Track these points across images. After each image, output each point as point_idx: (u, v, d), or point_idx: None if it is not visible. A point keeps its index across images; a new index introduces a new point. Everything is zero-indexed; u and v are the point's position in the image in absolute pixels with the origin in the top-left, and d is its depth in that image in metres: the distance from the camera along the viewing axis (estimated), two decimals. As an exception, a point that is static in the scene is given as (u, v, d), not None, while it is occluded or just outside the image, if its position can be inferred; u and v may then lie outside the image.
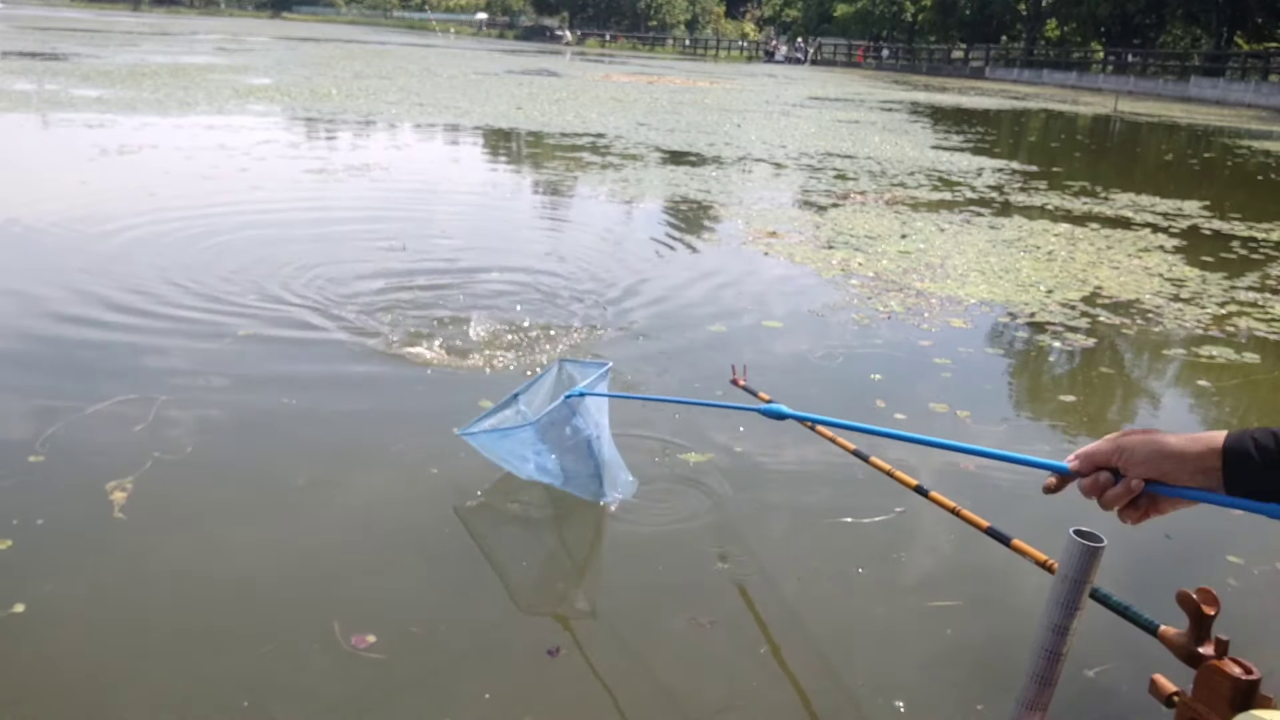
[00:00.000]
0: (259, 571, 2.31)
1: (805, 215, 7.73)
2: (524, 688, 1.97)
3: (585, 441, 2.55)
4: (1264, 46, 40.80)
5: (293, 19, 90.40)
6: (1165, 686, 1.33)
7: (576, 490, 2.63)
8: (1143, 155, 16.65)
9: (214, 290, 4.59)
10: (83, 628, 2.06)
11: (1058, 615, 1.06)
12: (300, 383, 3.52)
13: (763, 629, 2.23)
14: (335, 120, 12.65)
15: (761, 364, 3.98)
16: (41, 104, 12.14)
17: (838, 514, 2.75)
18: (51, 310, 4.17)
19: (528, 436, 2.57)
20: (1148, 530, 2.83)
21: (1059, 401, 3.93)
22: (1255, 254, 7.13)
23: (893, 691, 2.05)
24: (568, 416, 2.52)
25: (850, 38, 66.61)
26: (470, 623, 2.15)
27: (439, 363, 3.77)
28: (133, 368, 3.57)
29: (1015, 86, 43.22)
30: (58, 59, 20.51)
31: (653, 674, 2.05)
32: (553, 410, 2.52)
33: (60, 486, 2.63)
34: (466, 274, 5.22)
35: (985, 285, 5.60)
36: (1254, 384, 4.27)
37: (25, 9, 62.49)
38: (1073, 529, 1.05)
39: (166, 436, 2.96)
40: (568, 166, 9.73)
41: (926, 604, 2.36)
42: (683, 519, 2.68)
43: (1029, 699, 1.10)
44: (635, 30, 78.47)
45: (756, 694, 2.01)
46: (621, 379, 3.68)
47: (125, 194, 6.97)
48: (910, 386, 3.87)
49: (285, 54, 29.94)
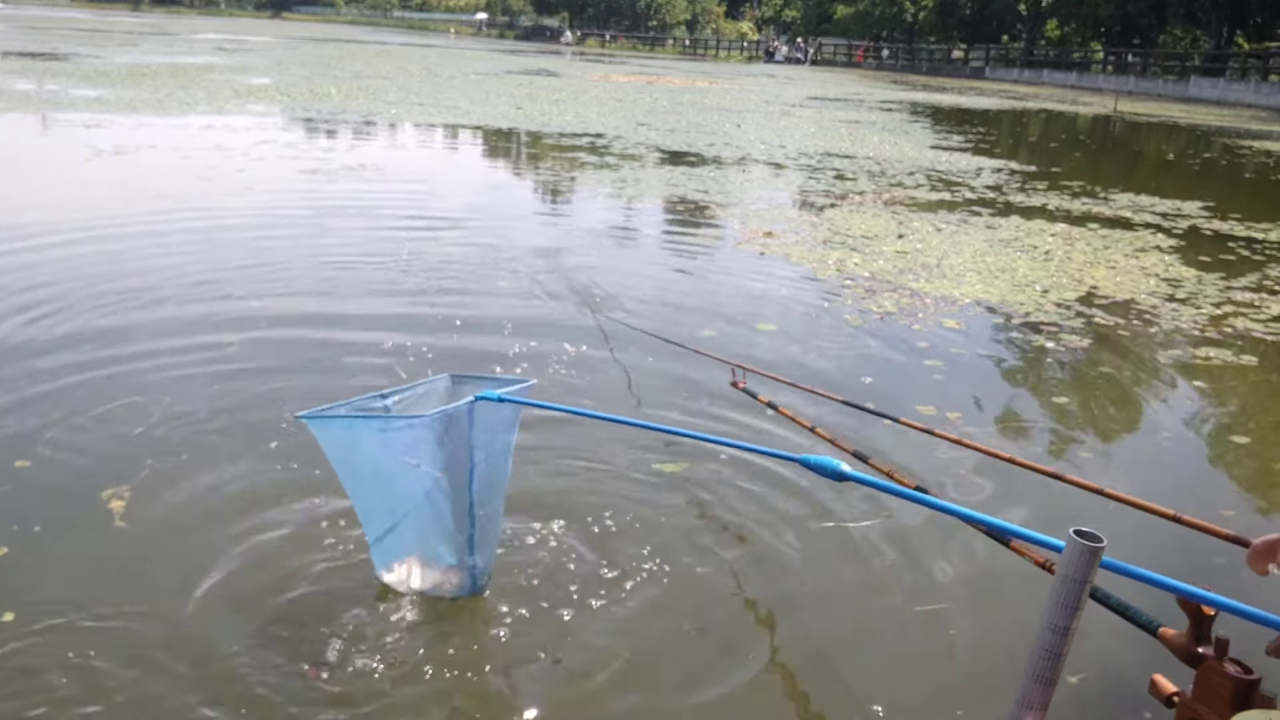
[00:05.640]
0: (253, 581, 2.31)
1: (803, 215, 7.73)
2: (525, 687, 1.96)
3: (469, 477, 2.05)
4: (1264, 46, 40.80)
5: (292, 19, 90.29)
6: (1165, 686, 1.32)
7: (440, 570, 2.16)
8: (1142, 155, 16.65)
9: (212, 292, 4.59)
10: (74, 634, 2.06)
11: (1058, 615, 1.06)
12: (298, 389, 3.51)
13: (757, 633, 2.23)
14: (334, 120, 12.64)
15: (751, 366, 3.94)
16: (41, 104, 12.13)
17: (836, 516, 2.74)
18: (52, 312, 4.17)
19: (417, 437, 1.96)
20: (1147, 530, 2.83)
21: (1051, 403, 3.92)
22: (1255, 254, 7.12)
23: (892, 692, 2.05)
24: (464, 429, 1.99)
25: (850, 38, 66.58)
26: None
27: (407, 375, 3.70)
28: (130, 369, 3.57)
29: (1015, 87, 43.21)
30: (58, 59, 20.50)
31: (643, 678, 2.04)
32: (456, 408, 1.97)
33: (55, 493, 2.63)
34: (453, 278, 5.20)
35: (981, 285, 5.59)
36: (1250, 385, 4.27)
37: (25, 9, 62.44)
38: (1073, 529, 1.05)
39: (163, 442, 2.96)
40: (565, 167, 9.73)
41: (926, 604, 2.36)
42: (669, 522, 2.67)
43: (1029, 699, 1.10)
44: (635, 30, 78.44)
45: (752, 697, 2.01)
46: (612, 384, 3.66)
47: (125, 193, 6.96)
48: (901, 388, 3.85)
49: (285, 54, 29.93)
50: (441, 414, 1.95)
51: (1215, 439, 3.63)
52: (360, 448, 1.99)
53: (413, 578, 2.17)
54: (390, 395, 2.05)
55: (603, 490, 2.79)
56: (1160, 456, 3.45)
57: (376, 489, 2.07)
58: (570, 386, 3.63)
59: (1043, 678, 1.09)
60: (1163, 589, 1.15)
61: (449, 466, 2.02)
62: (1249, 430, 3.72)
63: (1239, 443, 3.59)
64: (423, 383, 2.13)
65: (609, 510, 2.66)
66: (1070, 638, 1.06)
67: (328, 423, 1.98)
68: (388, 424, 1.98)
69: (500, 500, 2.16)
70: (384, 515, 2.10)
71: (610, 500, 2.73)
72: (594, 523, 2.60)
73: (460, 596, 2.18)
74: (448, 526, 2.09)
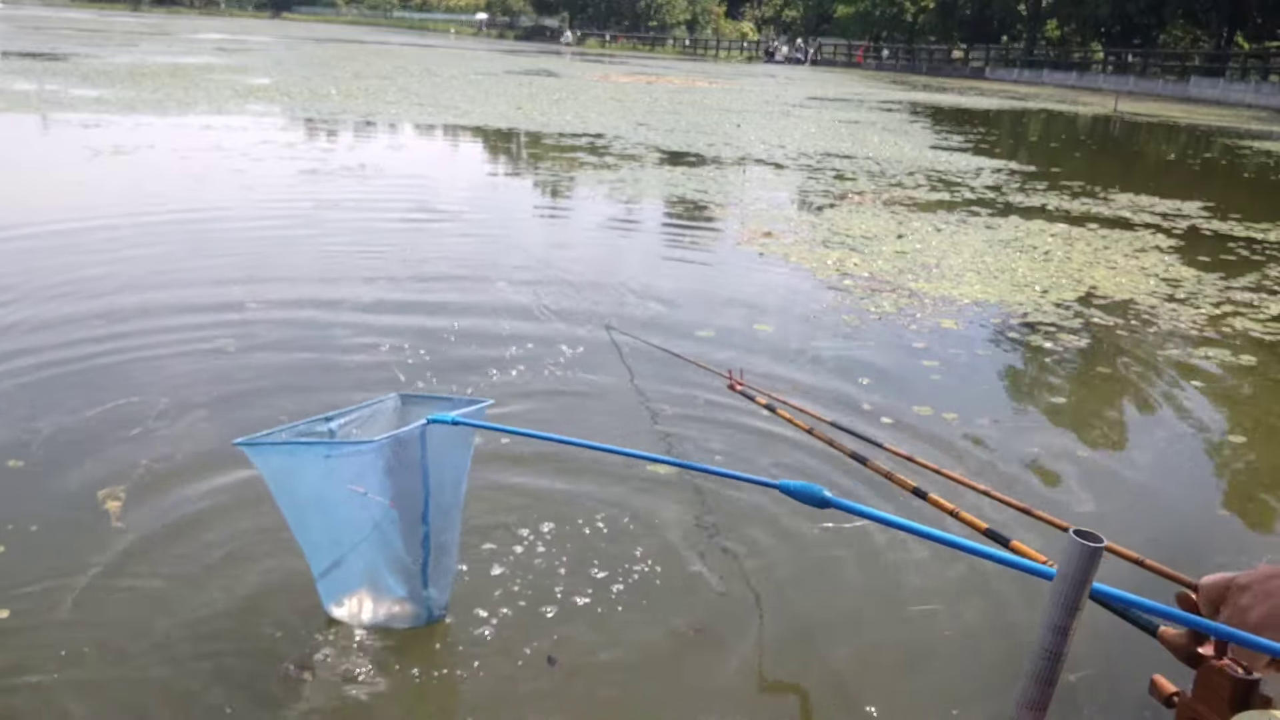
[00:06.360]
0: (250, 582, 2.30)
1: (802, 215, 7.73)
2: (522, 687, 1.96)
3: (422, 505, 1.94)
4: (1264, 46, 40.83)
5: (293, 19, 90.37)
6: (1165, 687, 1.32)
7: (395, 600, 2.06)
8: (1142, 156, 16.65)
9: (209, 293, 4.58)
10: (71, 633, 2.05)
11: (1057, 615, 1.05)
12: (297, 389, 3.51)
13: (752, 634, 2.22)
14: (334, 120, 12.64)
15: (747, 368, 3.95)
16: (41, 104, 12.13)
17: (833, 515, 2.74)
18: (48, 312, 4.17)
19: (364, 464, 1.82)
20: (1147, 531, 2.83)
21: (1049, 402, 3.92)
22: (1254, 255, 7.12)
23: (891, 692, 2.04)
24: (415, 454, 1.88)
25: (850, 38, 66.66)
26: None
27: (406, 380, 3.74)
28: (127, 369, 3.56)
29: (1015, 87, 43.23)
30: (58, 59, 20.50)
31: (640, 678, 2.04)
32: (407, 432, 1.85)
33: (52, 493, 2.62)
34: (452, 279, 5.20)
35: (980, 285, 5.59)
36: (1248, 385, 4.26)
37: (25, 9, 62.48)
38: (1072, 529, 1.04)
39: (159, 443, 2.96)
40: (565, 167, 9.72)
41: (924, 604, 2.35)
42: (664, 525, 2.67)
43: (1029, 699, 1.10)
44: (635, 30, 78.46)
45: (748, 698, 2.01)
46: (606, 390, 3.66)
47: (124, 194, 6.96)
48: (898, 389, 3.84)
49: (285, 54, 29.93)
50: (392, 439, 1.82)
51: (1214, 439, 3.63)
52: (303, 476, 1.85)
53: (364, 611, 2.07)
54: (334, 418, 1.92)
55: (593, 493, 2.78)
56: (1159, 456, 3.45)
57: (321, 519, 1.93)
58: (569, 387, 3.63)
59: (1042, 678, 1.08)
60: (1153, 614, 1.15)
61: (399, 494, 1.90)
62: (1247, 430, 3.72)
63: (1237, 442, 3.59)
64: (369, 403, 1.99)
65: (600, 514, 2.65)
66: (1070, 638, 1.06)
67: (266, 450, 1.82)
68: (333, 450, 1.84)
69: (456, 527, 2.05)
70: (329, 547, 1.98)
71: (601, 504, 2.72)
72: (585, 525, 2.59)
73: (416, 628, 2.08)
74: (400, 557, 1.99)
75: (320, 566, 2.01)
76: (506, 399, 3.44)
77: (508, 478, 2.83)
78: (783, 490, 1.41)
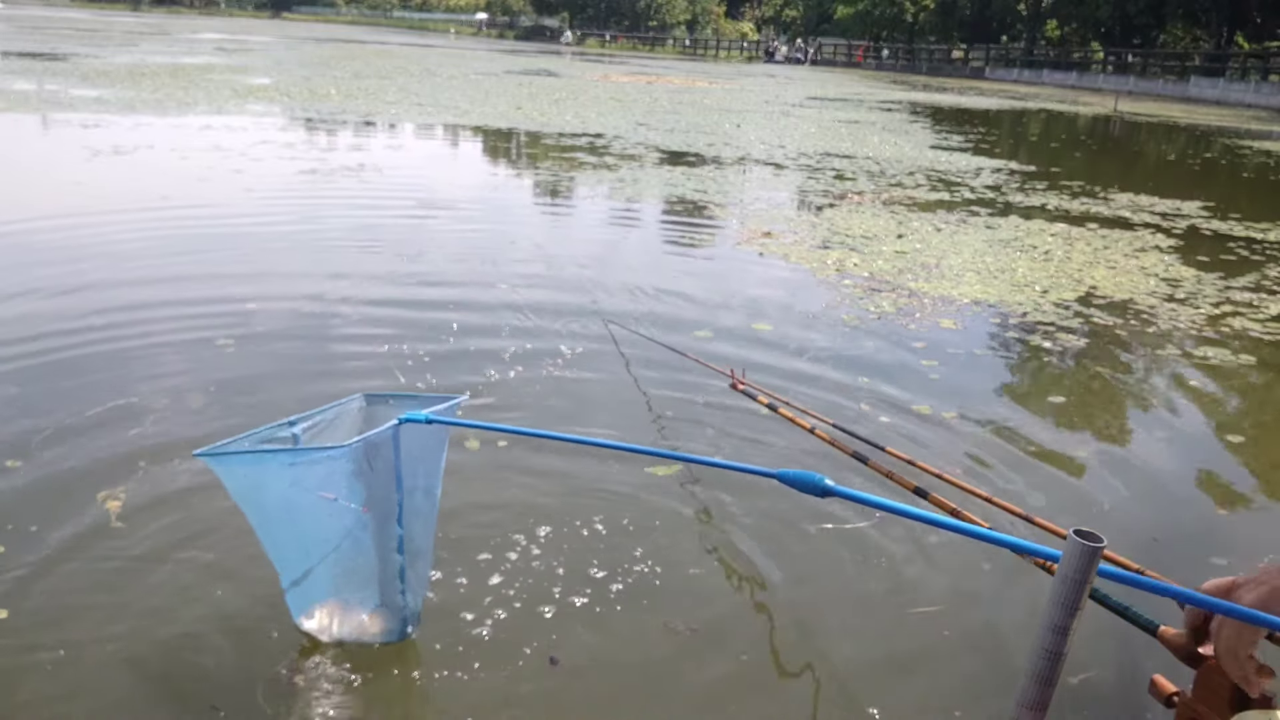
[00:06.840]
0: (251, 583, 2.30)
1: (802, 215, 7.73)
2: (523, 687, 1.96)
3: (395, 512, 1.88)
4: (1264, 46, 40.84)
5: (292, 19, 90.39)
6: (1165, 687, 1.32)
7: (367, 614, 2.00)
8: (1142, 155, 16.65)
9: (209, 292, 4.58)
10: (69, 633, 2.05)
11: (1058, 615, 1.05)
12: (295, 389, 3.51)
13: (751, 634, 2.22)
14: (334, 120, 12.64)
15: (746, 367, 3.95)
16: (41, 104, 12.12)
17: (832, 516, 2.74)
18: (48, 312, 4.16)
19: (335, 469, 1.75)
20: (1147, 531, 2.83)
21: (1048, 402, 3.92)
22: (1254, 255, 7.12)
23: (891, 692, 2.04)
24: (388, 456, 1.81)
25: (850, 38, 66.65)
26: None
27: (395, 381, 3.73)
28: (126, 369, 3.56)
29: (1015, 87, 43.23)
30: (58, 59, 20.50)
31: (632, 681, 2.04)
32: (379, 434, 1.76)
33: (51, 493, 2.62)
34: (451, 278, 5.20)
35: (980, 285, 5.59)
36: (1248, 384, 4.26)
37: (25, 9, 62.47)
38: (1072, 529, 1.04)
39: (158, 443, 2.95)
40: (565, 167, 9.72)
41: (924, 604, 2.35)
42: (662, 524, 2.67)
43: (1029, 699, 1.10)
44: (635, 30, 78.47)
45: (747, 699, 2.00)
46: (595, 393, 3.65)
47: (123, 194, 6.96)
48: (897, 389, 3.83)
49: (285, 54, 29.93)
50: (363, 442, 1.73)
51: (1213, 438, 3.63)
52: (268, 485, 1.76)
53: (335, 624, 2.01)
54: (298, 422, 1.83)
55: (592, 493, 2.78)
56: (1159, 456, 3.45)
57: (289, 529, 1.85)
58: (569, 386, 3.62)
59: (1043, 678, 1.08)
60: (1159, 594, 1.15)
61: (372, 499, 1.84)
62: (1246, 430, 3.72)
63: (1236, 442, 3.59)
64: (333, 405, 1.90)
65: (598, 514, 2.65)
66: (1070, 638, 1.06)
67: (229, 460, 1.72)
68: (298, 457, 1.76)
69: (431, 533, 1.98)
70: (299, 557, 1.90)
71: (600, 504, 2.72)
72: (582, 526, 2.59)
73: (390, 643, 2.00)
74: (372, 566, 1.93)
75: (290, 577, 1.94)
76: (506, 397, 3.44)
77: (506, 477, 2.83)
78: (781, 479, 1.39)
